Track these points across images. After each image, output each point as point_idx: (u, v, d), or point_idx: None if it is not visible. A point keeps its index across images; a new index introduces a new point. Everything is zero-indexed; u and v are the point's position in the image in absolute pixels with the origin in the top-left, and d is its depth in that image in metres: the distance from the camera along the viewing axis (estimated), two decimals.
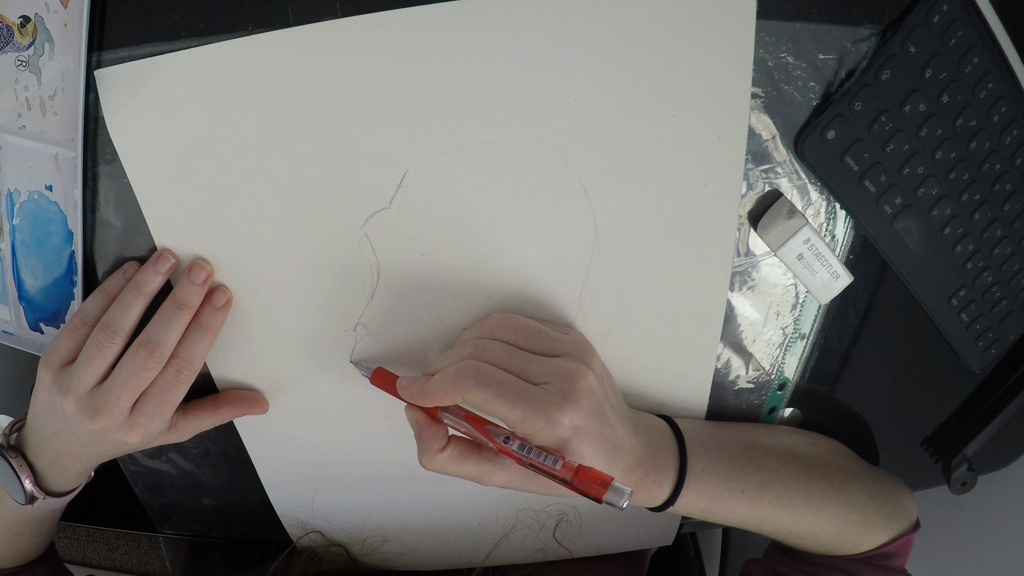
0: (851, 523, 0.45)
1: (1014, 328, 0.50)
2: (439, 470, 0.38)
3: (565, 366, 0.37)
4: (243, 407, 0.45)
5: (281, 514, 0.52)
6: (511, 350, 0.38)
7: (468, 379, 0.36)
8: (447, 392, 0.37)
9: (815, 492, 0.45)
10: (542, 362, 0.38)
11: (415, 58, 0.36)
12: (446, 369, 0.37)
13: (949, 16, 0.38)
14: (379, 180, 0.39)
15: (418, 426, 0.39)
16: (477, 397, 0.36)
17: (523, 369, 0.37)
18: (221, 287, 0.41)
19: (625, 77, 0.37)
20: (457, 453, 0.38)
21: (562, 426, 0.36)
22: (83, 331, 0.39)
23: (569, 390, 0.36)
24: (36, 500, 0.43)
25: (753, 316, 0.45)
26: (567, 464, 0.36)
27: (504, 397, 0.35)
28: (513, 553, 0.53)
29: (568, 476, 0.35)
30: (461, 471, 0.38)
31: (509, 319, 0.40)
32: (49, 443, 0.42)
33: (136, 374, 0.38)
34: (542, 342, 0.39)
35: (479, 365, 0.36)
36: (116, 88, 0.36)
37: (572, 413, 0.36)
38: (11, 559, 0.48)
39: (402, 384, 0.39)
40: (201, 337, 0.40)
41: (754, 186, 0.41)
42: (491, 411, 0.36)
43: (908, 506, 0.48)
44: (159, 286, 0.39)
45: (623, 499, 0.35)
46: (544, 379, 0.37)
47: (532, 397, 0.36)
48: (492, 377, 0.36)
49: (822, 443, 0.49)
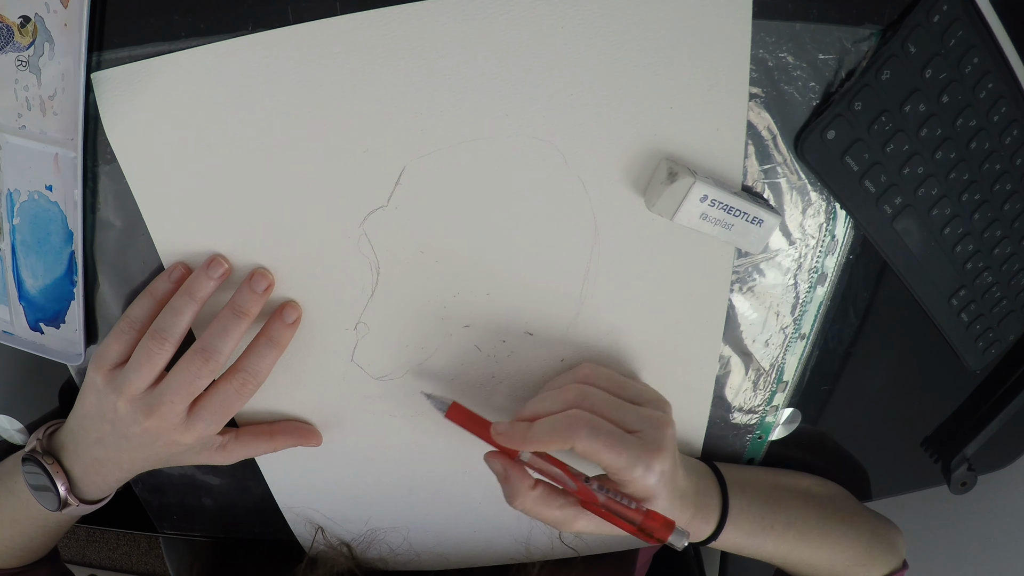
0: (859, 556, 0.49)
1: (1014, 328, 0.50)
2: (528, 511, 0.40)
3: (655, 415, 0.40)
4: (299, 438, 0.46)
5: (286, 513, 0.52)
6: (610, 398, 0.40)
7: (581, 428, 0.37)
8: (556, 439, 0.38)
9: (830, 528, 0.49)
10: (636, 411, 0.40)
11: (411, 54, 0.36)
12: (555, 417, 0.39)
13: (949, 16, 0.38)
14: (377, 178, 0.39)
15: (504, 469, 0.40)
16: (588, 447, 0.37)
17: (620, 417, 0.39)
18: (292, 303, 0.41)
19: (621, 70, 0.37)
20: (546, 494, 0.40)
21: (655, 473, 0.38)
22: (130, 335, 0.39)
23: (661, 438, 0.39)
24: (68, 507, 0.43)
25: (753, 316, 0.45)
26: (639, 508, 0.39)
27: (613, 448, 0.37)
28: (523, 553, 0.53)
29: (639, 520, 0.38)
30: (547, 513, 0.40)
31: (599, 369, 0.42)
32: (90, 449, 0.41)
33: (190, 382, 0.38)
34: (628, 391, 0.42)
35: (590, 416, 0.38)
36: (113, 91, 0.36)
37: (663, 461, 0.38)
38: (19, 559, 0.48)
39: (500, 430, 0.40)
40: (269, 351, 0.40)
41: (754, 185, 0.41)
42: (597, 459, 0.38)
43: (900, 545, 0.52)
44: (212, 292, 0.39)
45: (683, 540, 0.38)
46: (638, 427, 0.39)
47: (633, 447, 0.38)
48: (602, 428, 0.38)
49: (831, 486, 0.53)
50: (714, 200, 0.38)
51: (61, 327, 0.43)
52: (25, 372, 0.47)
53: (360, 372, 0.44)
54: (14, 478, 0.44)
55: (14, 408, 0.49)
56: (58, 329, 0.43)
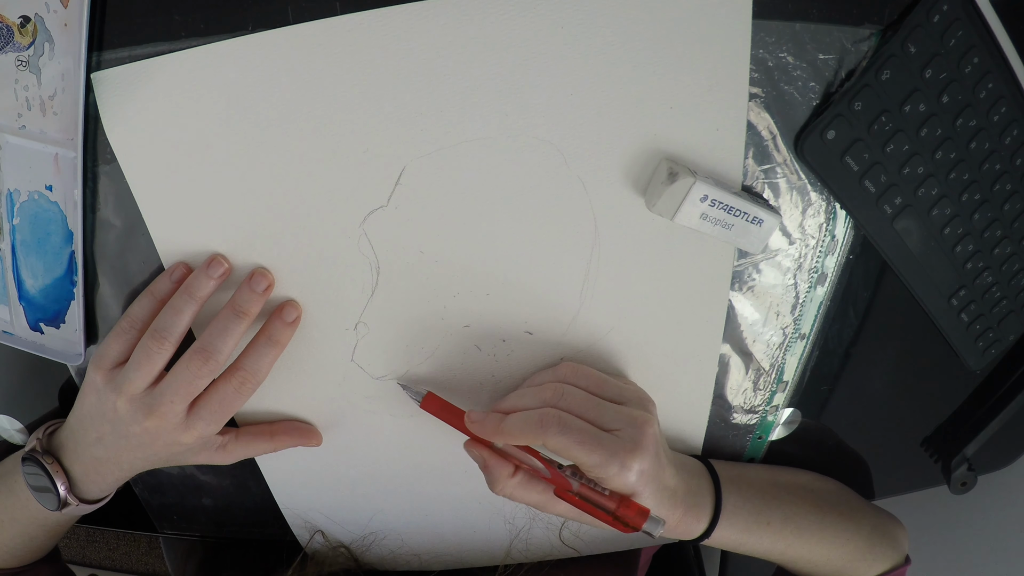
0: (860, 550, 0.49)
1: (1014, 328, 0.50)
2: (510, 495, 0.40)
3: (635, 414, 0.40)
4: (299, 438, 0.46)
5: (286, 513, 0.52)
6: (588, 397, 0.40)
7: (551, 426, 0.38)
8: (527, 434, 0.38)
9: (828, 523, 0.49)
10: (615, 409, 0.40)
11: (411, 54, 0.36)
12: (527, 413, 0.39)
13: (949, 16, 0.38)
14: (377, 177, 0.39)
15: (483, 458, 0.41)
16: (558, 443, 0.38)
17: (598, 416, 0.39)
18: (292, 302, 0.41)
19: (621, 69, 0.37)
20: (525, 480, 0.40)
21: (632, 471, 0.38)
22: (131, 335, 0.39)
23: (639, 437, 0.39)
24: (68, 507, 0.43)
25: (753, 316, 0.45)
26: (612, 494, 0.39)
27: (584, 445, 0.37)
28: (523, 553, 0.53)
29: (612, 507, 0.39)
30: (528, 497, 0.40)
31: (580, 368, 0.42)
32: (90, 449, 0.41)
33: (190, 381, 0.38)
34: (609, 389, 0.42)
35: (561, 414, 0.38)
36: (113, 91, 0.36)
37: (641, 459, 0.38)
38: (19, 559, 0.48)
39: (473, 418, 0.40)
40: (268, 351, 0.40)
41: (754, 185, 0.41)
42: (569, 456, 0.38)
43: (903, 540, 0.52)
44: (212, 291, 0.39)
45: (658, 528, 0.38)
46: (616, 425, 0.39)
47: (608, 444, 0.38)
48: (573, 425, 0.38)
49: (830, 482, 0.53)
50: (714, 200, 0.38)
51: (61, 327, 0.43)
52: (25, 372, 0.47)
53: (360, 372, 0.44)
54: (14, 478, 0.44)
55: (14, 408, 0.49)
56: (58, 329, 0.43)
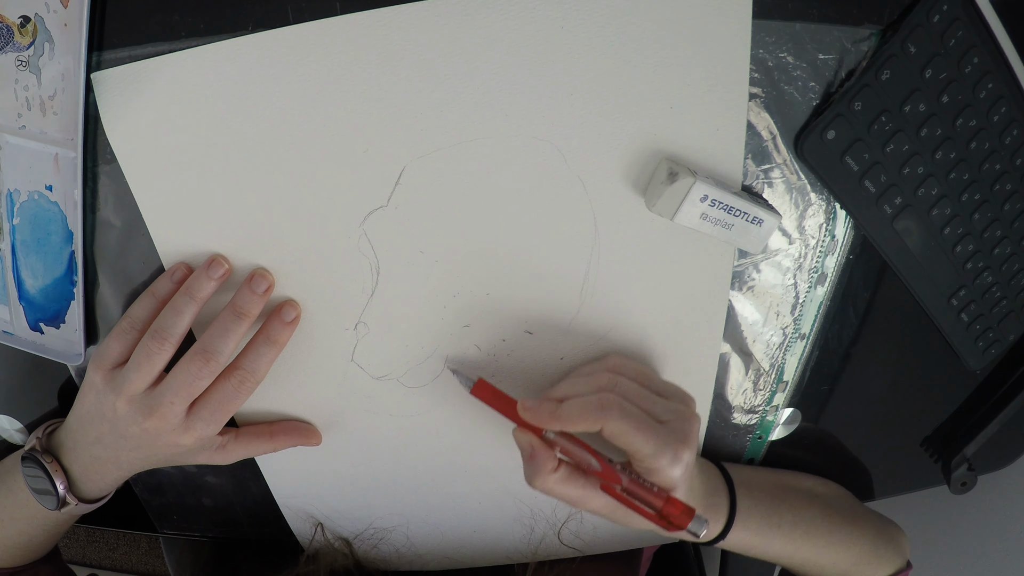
0: (865, 555, 0.50)
1: (1014, 328, 0.50)
2: (548, 491, 0.39)
3: (682, 408, 0.40)
4: (299, 438, 0.46)
5: (286, 513, 0.52)
6: (640, 388, 0.40)
7: (612, 409, 0.37)
8: (587, 419, 0.38)
9: (835, 527, 0.49)
10: (664, 402, 0.40)
11: (411, 54, 0.36)
12: (586, 397, 0.39)
13: (949, 16, 0.38)
14: (377, 178, 0.39)
15: (531, 447, 0.39)
16: (618, 428, 0.37)
17: (650, 406, 0.39)
18: (291, 302, 0.41)
19: (621, 69, 0.37)
20: (567, 475, 0.39)
21: (682, 463, 0.38)
22: (131, 335, 0.39)
23: (688, 430, 0.39)
24: (67, 506, 0.43)
25: (753, 316, 0.45)
26: (660, 491, 0.38)
27: (642, 431, 0.37)
28: (525, 554, 0.53)
29: (659, 505, 0.38)
30: (566, 493, 0.40)
31: (628, 361, 0.42)
32: (89, 448, 0.41)
33: (190, 382, 0.38)
34: (655, 383, 0.42)
35: (620, 399, 0.38)
36: (113, 91, 0.36)
37: (689, 452, 0.38)
38: (19, 559, 0.48)
39: (527, 406, 0.40)
40: (267, 350, 0.40)
41: (754, 185, 0.41)
42: (625, 442, 0.38)
43: (905, 545, 0.52)
44: (212, 292, 0.39)
45: (703, 528, 0.38)
46: (667, 417, 0.39)
47: (663, 434, 0.38)
48: (633, 412, 0.38)
49: (833, 487, 0.53)
50: (714, 200, 0.38)
51: (61, 327, 0.43)
52: (25, 372, 0.47)
53: (360, 372, 0.44)
54: (13, 477, 0.44)
55: (14, 408, 0.49)
56: (58, 329, 0.43)
